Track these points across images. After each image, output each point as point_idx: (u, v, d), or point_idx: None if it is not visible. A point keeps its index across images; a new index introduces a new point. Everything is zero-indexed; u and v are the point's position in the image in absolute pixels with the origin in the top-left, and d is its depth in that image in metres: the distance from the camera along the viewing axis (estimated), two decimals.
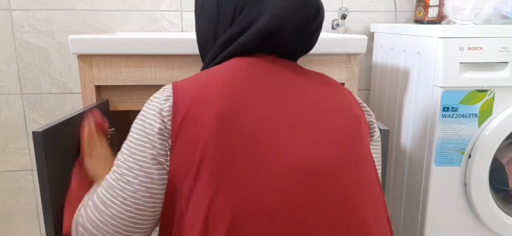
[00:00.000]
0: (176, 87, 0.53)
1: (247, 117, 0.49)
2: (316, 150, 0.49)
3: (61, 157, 0.73)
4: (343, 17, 1.31)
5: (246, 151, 0.47)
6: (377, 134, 0.63)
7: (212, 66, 0.60)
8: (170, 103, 0.51)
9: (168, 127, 0.50)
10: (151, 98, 0.54)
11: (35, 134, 0.65)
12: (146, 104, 0.54)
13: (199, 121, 0.48)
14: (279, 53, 0.61)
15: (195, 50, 0.91)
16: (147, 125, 0.51)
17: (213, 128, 0.47)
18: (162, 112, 0.51)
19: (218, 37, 0.62)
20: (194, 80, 0.53)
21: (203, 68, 0.64)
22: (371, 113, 0.63)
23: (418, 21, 1.26)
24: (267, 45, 0.58)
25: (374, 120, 0.63)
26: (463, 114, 0.96)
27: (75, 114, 0.79)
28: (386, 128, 0.70)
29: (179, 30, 1.32)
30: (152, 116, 0.51)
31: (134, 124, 0.54)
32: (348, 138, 0.53)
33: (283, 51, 0.61)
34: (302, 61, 0.94)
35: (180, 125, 0.49)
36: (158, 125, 0.50)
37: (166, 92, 0.53)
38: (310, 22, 0.58)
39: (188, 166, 0.48)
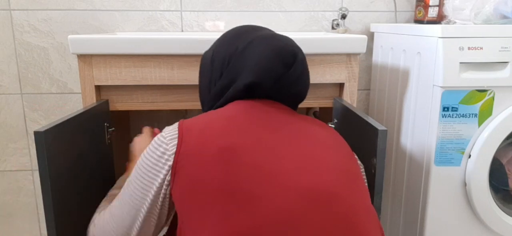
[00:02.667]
0: (181, 127, 0.58)
1: (248, 150, 0.52)
2: (317, 176, 0.52)
3: (62, 157, 0.73)
4: (343, 17, 1.31)
5: (250, 178, 0.50)
6: (363, 173, 0.70)
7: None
8: (174, 142, 0.56)
9: (169, 163, 0.55)
10: (159, 137, 0.59)
11: (37, 134, 0.65)
12: (153, 142, 0.59)
13: (200, 156, 0.52)
14: (273, 99, 0.66)
15: (195, 50, 0.92)
16: (153, 160, 0.57)
17: (216, 161, 0.51)
18: (167, 152, 0.56)
19: (212, 88, 0.69)
20: (198, 120, 0.59)
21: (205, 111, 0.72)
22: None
23: (418, 21, 1.26)
24: (256, 93, 0.64)
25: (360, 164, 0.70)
26: (463, 114, 0.96)
27: (75, 114, 0.79)
28: (383, 128, 0.70)
29: (179, 30, 1.32)
30: (158, 154, 0.57)
31: (141, 158, 0.59)
32: (346, 169, 0.57)
33: (275, 97, 0.66)
34: None
35: (180, 161, 0.54)
36: (162, 161, 0.56)
37: (172, 132, 0.58)
38: (289, 68, 0.63)
39: (190, 198, 0.51)
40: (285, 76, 0.63)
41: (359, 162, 0.69)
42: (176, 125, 0.59)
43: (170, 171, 0.55)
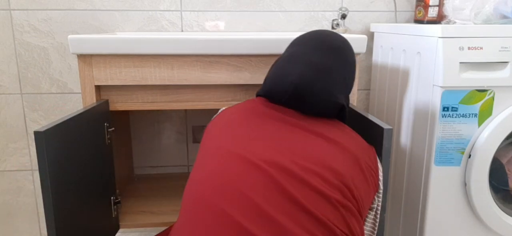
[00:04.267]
0: (223, 110, 0.78)
1: (239, 124, 0.69)
2: (283, 155, 0.62)
3: (62, 157, 0.73)
4: (343, 17, 1.31)
5: (228, 143, 0.65)
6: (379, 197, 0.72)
7: None
8: (214, 117, 0.77)
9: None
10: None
11: (37, 134, 0.65)
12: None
13: (215, 126, 0.72)
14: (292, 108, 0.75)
15: (195, 50, 0.92)
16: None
17: (218, 129, 0.70)
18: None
19: None
20: (231, 107, 0.77)
21: None
22: (381, 173, 0.73)
23: (418, 21, 1.26)
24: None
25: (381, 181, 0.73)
26: (463, 114, 0.96)
27: (76, 114, 0.79)
28: (389, 127, 0.70)
29: (179, 30, 1.32)
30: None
31: None
32: (332, 167, 0.62)
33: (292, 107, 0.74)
34: None
35: (209, 128, 0.74)
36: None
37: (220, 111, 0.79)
38: (287, 95, 0.71)
39: (204, 146, 0.70)
40: (287, 99, 0.71)
41: (380, 184, 0.70)
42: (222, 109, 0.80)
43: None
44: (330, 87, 0.71)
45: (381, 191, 0.70)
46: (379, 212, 0.71)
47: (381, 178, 0.70)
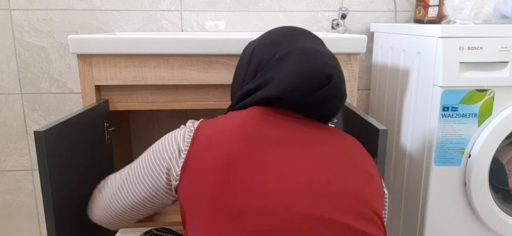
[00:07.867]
0: (198, 126, 0.61)
1: (246, 163, 0.54)
2: (307, 199, 0.52)
3: (62, 157, 0.73)
4: (343, 17, 1.31)
5: (239, 195, 0.51)
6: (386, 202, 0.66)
7: (234, 110, 0.69)
8: (189, 139, 0.60)
9: (183, 156, 0.59)
10: (177, 129, 0.63)
11: (37, 134, 0.65)
12: (170, 133, 0.64)
13: (206, 160, 0.55)
14: (296, 111, 0.65)
15: (195, 50, 0.92)
16: (167, 148, 0.62)
17: (217, 169, 0.53)
18: (180, 145, 0.60)
19: (243, 85, 0.70)
20: (215, 123, 0.61)
21: (228, 109, 0.73)
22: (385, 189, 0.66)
23: (418, 21, 1.26)
24: (278, 104, 0.63)
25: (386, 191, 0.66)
26: (463, 114, 0.96)
27: (75, 114, 0.79)
28: (384, 128, 0.70)
29: (179, 30, 1.32)
30: (172, 143, 0.62)
31: (154, 145, 0.65)
32: (350, 193, 0.55)
33: (298, 111, 0.65)
34: None
35: (191, 159, 0.57)
36: (175, 153, 0.61)
37: (189, 127, 0.62)
38: (318, 90, 0.61)
39: (192, 195, 0.55)
40: (312, 96, 0.61)
41: (385, 190, 0.64)
42: (194, 125, 0.63)
43: (181, 167, 0.58)
44: (343, 76, 0.66)
45: (386, 196, 0.65)
46: (386, 217, 0.67)
47: (383, 183, 0.65)
